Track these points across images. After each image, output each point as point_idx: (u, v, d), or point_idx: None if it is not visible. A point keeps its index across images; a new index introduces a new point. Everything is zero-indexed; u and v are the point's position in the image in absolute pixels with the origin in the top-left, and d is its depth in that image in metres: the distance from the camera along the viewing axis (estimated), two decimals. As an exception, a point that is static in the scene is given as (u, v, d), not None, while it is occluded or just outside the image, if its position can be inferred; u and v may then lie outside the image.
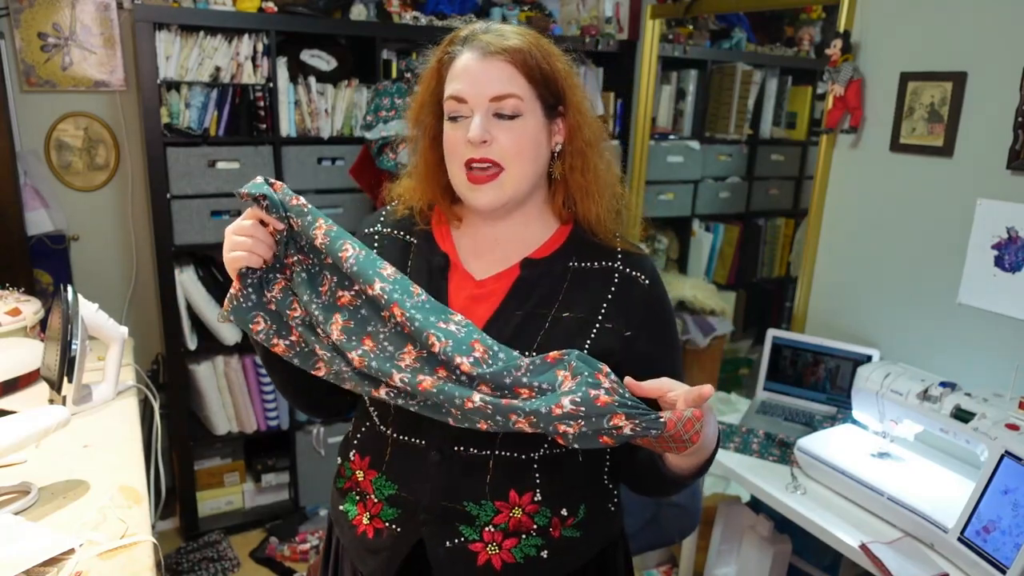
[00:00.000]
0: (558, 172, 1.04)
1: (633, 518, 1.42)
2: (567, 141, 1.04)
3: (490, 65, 0.97)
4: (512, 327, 1.00)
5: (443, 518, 1.01)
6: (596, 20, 2.99)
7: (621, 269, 1.04)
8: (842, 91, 2.06)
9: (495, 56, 0.97)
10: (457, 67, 0.99)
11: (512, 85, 0.97)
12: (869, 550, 1.50)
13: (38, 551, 1.06)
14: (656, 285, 1.06)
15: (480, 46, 0.98)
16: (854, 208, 2.13)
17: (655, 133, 3.17)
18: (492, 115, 0.98)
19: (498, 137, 0.97)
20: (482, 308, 1.02)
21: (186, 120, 2.41)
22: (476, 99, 0.97)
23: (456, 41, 1.02)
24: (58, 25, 2.44)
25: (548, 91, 1.00)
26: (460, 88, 0.98)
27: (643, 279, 1.04)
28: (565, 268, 1.04)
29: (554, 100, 1.01)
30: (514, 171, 0.99)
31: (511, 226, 1.06)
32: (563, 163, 1.04)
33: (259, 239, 0.95)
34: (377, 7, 2.65)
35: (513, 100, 0.97)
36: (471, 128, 0.97)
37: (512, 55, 0.97)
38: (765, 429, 1.98)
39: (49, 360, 1.57)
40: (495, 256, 1.06)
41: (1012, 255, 1.74)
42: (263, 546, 2.67)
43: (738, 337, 3.67)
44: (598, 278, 1.04)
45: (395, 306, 0.92)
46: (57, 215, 2.51)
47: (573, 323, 1.01)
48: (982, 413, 1.52)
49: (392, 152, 2.30)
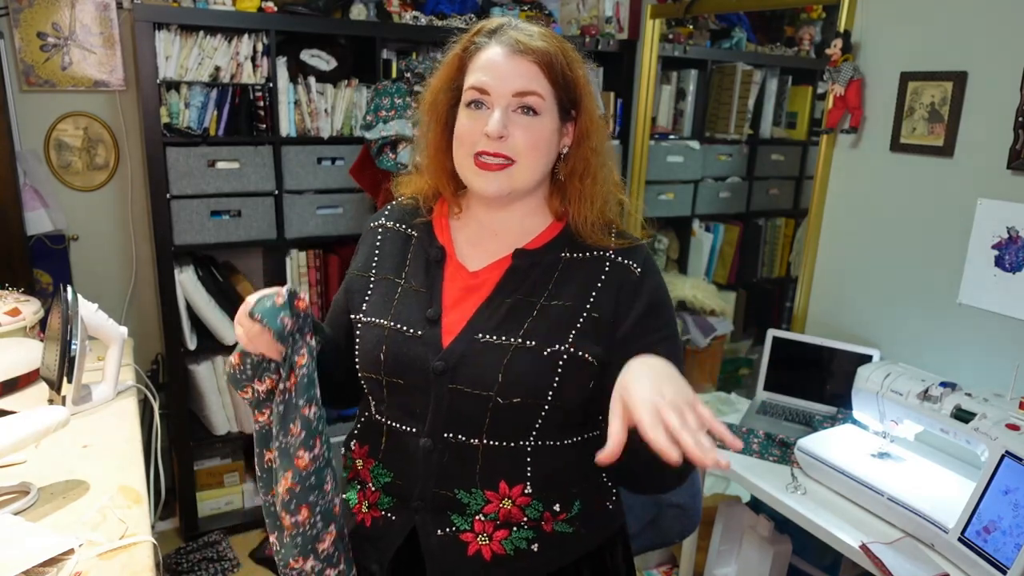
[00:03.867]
0: (563, 174, 1.06)
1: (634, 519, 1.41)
2: (574, 145, 1.06)
3: (518, 62, 0.99)
4: (500, 314, 1.02)
5: (435, 506, 1.03)
6: (596, 20, 2.99)
7: (612, 258, 1.05)
8: (842, 91, 2.06)
9: (523, 55, 0.99)
10: (482, 59, 1.01)
11: (536, 84, 0.99)
12: (869, 550, 1.50)
13: (38, 551, 1.06)
14: (649, 274, 1.06)
15: (509, 42, 1.00)
16: (854, 208, 2.13)
17: (655, 133, 3.17)
18: (511, 111, 0.99)
19: (514, 133, 0.99)
20: (474, 297, 1.05)
21: (186, 120, 2.41)
22: (499, 92, 0.99)
23: (483, 33, 1.03)
24: (58, 25, 2.44)
25: (566, 95, 1.03)
26: (484, 80, 0.99)
27: (635, 267, 1.05)
28: (557, 258, 1.06)
29: (569, 104, 1.04)
30: (525, 166, 1.01)
31: (510, 218, 1.08)
32: (567, 166, 1.06)
33: (258, 343, 0.99)
34: (377, 7, 2.65)
35: (535, 98, 0.99)
36: (491, 122, 0.98)
37: (540, 56, 0.99)
38: (765, 429, 1.98)
39: (49, 360, 1.56)
40: (490, 247, 1.08)
41: (1012, 255, 1.74)
42: (263, 546, 2.67)
43: (738, 337, 3.66)
44: (589, 267, 1.05)
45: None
46: (57, 215, 2.51)
47: (561, 311, 1.02)
48: (982, 413, 1.52)
49: (392, 152, 2.30)
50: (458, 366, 1.00)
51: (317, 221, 2.63)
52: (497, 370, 0.98)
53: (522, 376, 0.98)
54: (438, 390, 1.01)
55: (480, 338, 1.00)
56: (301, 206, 2.58)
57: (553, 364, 0.98)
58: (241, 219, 2.48)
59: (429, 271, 1.08)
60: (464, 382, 0.99)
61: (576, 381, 1.00)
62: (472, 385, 0.99)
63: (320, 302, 2.75)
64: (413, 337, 1.03)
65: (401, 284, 1.09)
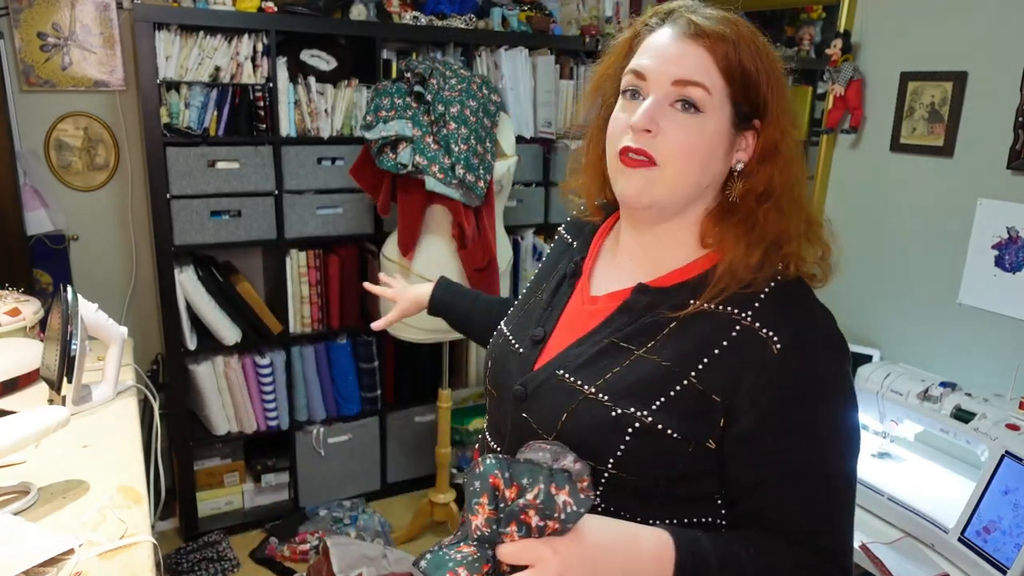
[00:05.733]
0: (736, 195, 0.87)
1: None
2: (755, 161, 0.86)
3: (686, 47, 0.83)
4: (591, 353, 0.89)
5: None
6: (596, 20, 2.99)
7: (748, 322, 0.82)
8: (842, 91, 2.06)
9: (694, 39, 0.83)
10: (650, 42, 0.87)
11: (702, 74, 0.82)
12: (869, 550, 1.50)
13: (38, 551, 1.06)
14: (797, 354, 0.81)
15: (681, 24, 0.85)
16: (854, 208, 2.13)
17: (655, 133, 3.17)
18: (669, 104, 0.83)
19: (667, 130, 0.83)
20: (585, 324, 0.94)
21: (186, 120, 2.41)
22: (657, 77, 0.83)
23: (659, 14, 0.89)
24: (58, 25, 2.44)
25: (745, 95, 0.84)
26: (644, 63, 0.85)
27: (775, 341, 0.80)
28: (683, 303, 0.86)
29: (749, 109, 0.85)
30: (670, 172, 0.84)
31: (652, 243, 0.92)
32: (743, 185, 0.87)
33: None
34: (377, 7, 2.65)
35: (699, 90, 0.82)
36: (638, 112, 0.83)
37: (714, 42, 0.82)
38: (765, 429, 1.98)
39: (49, 360, 1.56)
40: (622, 273, 0.95)
41: (1012, 255, 1.74)
42: (263, 546, 2.67)
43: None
44: (712, 325, 0.84)
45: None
46: (57, 215, 2.51)
47: (655, 369, 0.84)
48: (982, 413, 1.52)
49: (392, 152, 2.30)
50: (532, 396, 0.92)
51: (317, 221, 2.63)
52: (561, 414, 0.87)
53: (582, 430, 0.85)
54: (515, 414, 0.93)
55: (560, 374, 0.90)
56: (301, 206, 2.58)
57: (621, 428, 0.83)
58: (241, 219, 2.48)
59: (560, 287, 1.01)
60: (533, 415, 0.91)
61: (653, 455, 0.83)
62: (539, 421, 0.90)
63: (320, 302, 2.75)
64: (515, 352, 0.98)
65: (536, 295, 1.04)
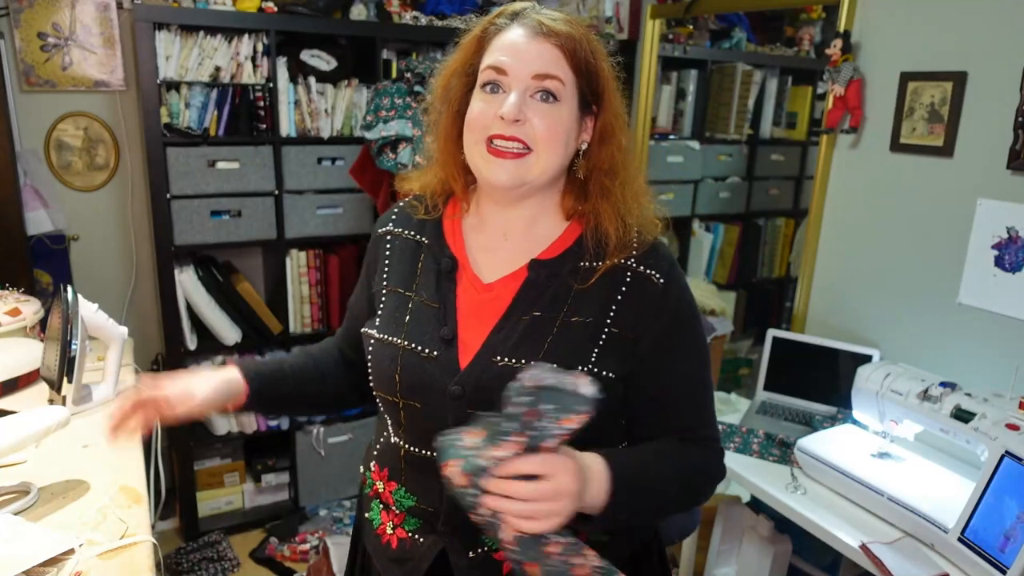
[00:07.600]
0: (583, 171, 1.00)
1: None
2: (596, 141, 1.00)
3: (540, 45, 0.94)
4: (519, 333, 0.96)
5: (463, 529, 0.97)
6: (596, 20, 2.99)
7: (634, 267, 0.98)
8: (842, 91, 2.05)
9: (547, 37, 0.94)
10: (503, 40, 0.96)
11: (557, 68, 0.94)
12: (869, 550, 1.50)
13: (38, 551, 1.06)
14: (673, 284, 0.99)
15: (532, 25, 0.95)
16: (854, 208, 2.13)
17: (655, 133, 3.17)
18: (529, 95, 0.94)
19: (532, 119, 0.93)
20: (489, 312, 0.99)
21: (186, 120, 2.41)
22: (518, 73, 0.93)
23: (505, 15, 0.99)
24: (58, 25, 2.44)
25: (588, 85, 0.97)
26: (503, 60, 0.94)
27: (657, 277, 0.98)
28: (575, 268, 0.99)
29: (591, 96, 0.98)
30: (543, 155, 0.95)
31: (520, 217, 1.02)
32: (588, 162, 1.00)
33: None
34: (377, 7, 2.65)
35: (555, 82, 0.94)
36: (506, 104, 0.93)
37: (564, 40, 0.94)
38: (765, 429, 1.98)
39: (49, 360, 1.56)
40: (503, 256, 1.02)
41: (1012, 255, 1.74)
42: (263, 546, 2.67)
43: (738, 337, 3.66)
44: (609, 277, 0.98)
45: None
46: (57, 215, 2.51)
47: (581, 328, 0.96)
48: (982, 413, 1.52)
49: (392, 152, 2.30)
50: (477, 391, 0.94)
51: (317, 221, 2.63)
52: None
53: None
54: (457, 414, 0.95)
55: (498, 361, 0.95)
56: (301, 206, 2.59)
57: None
58: (241, 219, 2.49)
59: (440, 283, 1.02)
60: (483, 407, 0.92)
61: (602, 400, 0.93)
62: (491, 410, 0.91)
63: (320, 302, 2.75)
64: (428, 358, 0.98)
65: (412, 298, 1.03)
